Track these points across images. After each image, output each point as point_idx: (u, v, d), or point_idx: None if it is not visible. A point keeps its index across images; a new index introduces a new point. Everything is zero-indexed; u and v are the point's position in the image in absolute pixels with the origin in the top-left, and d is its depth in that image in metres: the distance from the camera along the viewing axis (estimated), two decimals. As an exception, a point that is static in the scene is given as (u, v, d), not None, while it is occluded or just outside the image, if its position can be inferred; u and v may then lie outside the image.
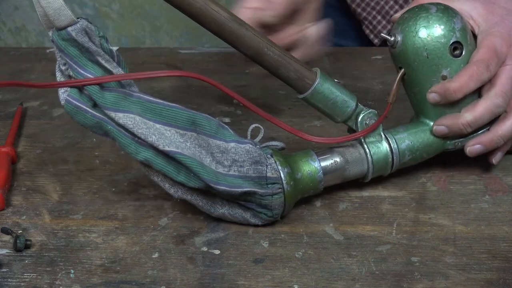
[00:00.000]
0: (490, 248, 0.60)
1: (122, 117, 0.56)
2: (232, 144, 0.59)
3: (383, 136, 0.65)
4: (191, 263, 0.59)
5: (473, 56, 0.65)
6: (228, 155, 0.59)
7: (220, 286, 0.56)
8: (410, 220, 0.64)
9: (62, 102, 0.58)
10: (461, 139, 0.67)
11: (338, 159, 0.64)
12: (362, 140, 0.65)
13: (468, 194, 0.67)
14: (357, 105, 0.65)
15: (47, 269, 0.59)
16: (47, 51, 0.97)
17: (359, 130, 0.65)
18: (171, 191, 0.60)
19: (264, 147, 0.62)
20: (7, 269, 0.59)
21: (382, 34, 0.66)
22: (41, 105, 0.84)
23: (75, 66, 0.57)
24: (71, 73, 0.57)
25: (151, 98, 0.58)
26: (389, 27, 1.02)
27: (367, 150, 0.65)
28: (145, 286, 0.57)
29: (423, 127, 0.67)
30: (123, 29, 1.94)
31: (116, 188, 0.69)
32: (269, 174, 0.59)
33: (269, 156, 0.60)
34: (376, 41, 1.03)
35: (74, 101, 0.57)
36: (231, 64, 0.93)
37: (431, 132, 0.66)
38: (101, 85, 0.57)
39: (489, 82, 0.65)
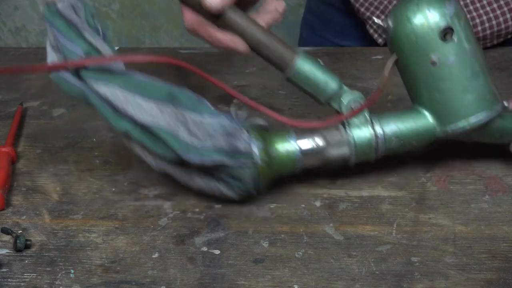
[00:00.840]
0: (490, 248, 0.60)
1: (103, 89, 0.58)
2: (208, 118, 0.60)
3: (368, 120, 0.65)
4: (191, 263, 0.59)
5: None
6: (203, 128, 0.60)
7: (220, 286, 0.56)
8: (410, 220, 0.64)
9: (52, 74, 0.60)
10: (451, 127, 0.65)
11: (318, 140, 0.64)
12: (346, 123, 0.65)
13: (468, 194, 0.67)
14: (340, 86, 0.65)
15: (47, 269, 0.59)
16: (47, 51, 0.97)
17: (344, 113, 0.65)
18: (152, 163, 0.61)
19: (245, 122, 0.62)
20: (7, 269, 0.59)
21: (374, 19, 0.66)
22: (41, 105, 0.84)
23: (62, 40, 0.59)
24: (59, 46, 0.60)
25: (133, 73, 0.60)
26: None
27: (350, 133, 0.64)
28: (145, 286, 0.57)
29: (414, 113, 0.66)
30: (123, 29, 1.94)
31: (116, 188, 0.69)
32: (241, 147, 0.60)
33: (243, 130, 0.61)
34: (380, 40, 1.03)
35: (60, 72, 0.59)
36: (231, 64, 0.93)
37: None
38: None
39: None
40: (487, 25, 0.94)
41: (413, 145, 0.66)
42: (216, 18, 0.65)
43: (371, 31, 1.04)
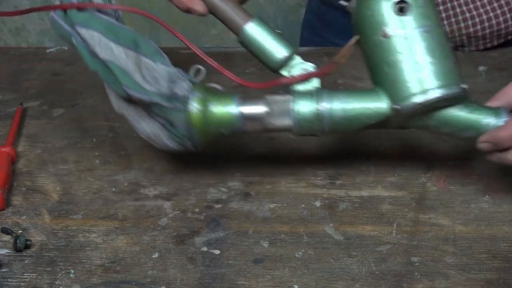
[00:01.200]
0: (490, 248, 0.60)
1: (84, 33, 0.64)
2: (159, 65, 0.64)
3: (317, 93, 0.64)
4: (191, 263, 0.59)
5: None
6: (152, 73, 0.64)
7: (220, 286, 0.56)
8: (410, 220, 0.64)
9: (50, 16, 0.67)
10: (401, 104, 0.62)
11: (261, 107, 0.64)
12: (292, 90, 0.65)
13: (468, 194, 0.67)
14: (292, 56, 0.67)
15: (47, 269, 0.59)
16: (47, 51, 0.97)
17: None
18: (114, 104, 0.66)
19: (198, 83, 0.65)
20: (7, 269, 0.59)
21: (341, 2, 0.66)
22: (41, 105, 0.84)
23: None
24: None
25: (115, 22, 0.66)
26: None
27: (294, 104, 0.64)
28: (145, 286, 0.57)
29: (368, 91, 0.64)
30: (123, 29, 1.94)
31: (116, 188, 0.69)
32: (178, 92, 0.63)
33: (187, 80, 0.64)
34: None
35: (55, 17, 0.67)
36: (231, 64, 0.93)
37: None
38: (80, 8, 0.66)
39: None
40: (486, 24, 0.94)
41: (363, 122, 0.64)
42: None
43: None
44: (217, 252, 0.60)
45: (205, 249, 0.61)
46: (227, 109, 0.64)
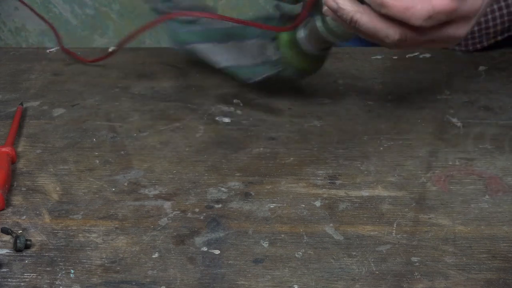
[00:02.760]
0: (490, 248, 0.60)
1: (200, 46, 0.79)
2: (252, 40, 0.77)
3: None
4: (191, 263, 0.59)
5: None
6: (253, 49, 0.77)
7: (220, 286, 0.56)
8: (410, 220, 0.64)
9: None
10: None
11: (301, 31, 0.75)
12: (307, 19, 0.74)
13: (468, 194, 0.67)
14: None
15: (47, 269, 0.59)
16: (47, 51, 0.97)
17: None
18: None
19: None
20: (7, 269, 0.59)
21: None
22: (41, 105, 0.84)
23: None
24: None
25: (219, 26, 0.79)
26: None
27: (314, 22, 0.73)
28: (145, 286, 0.57)
29: None
30: (123, 29, 1.94)
31: (116, 188, 0.69)
32: (270, 55, 0.76)
33: (272, 42, 0.76)
34: None
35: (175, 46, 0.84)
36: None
37: None
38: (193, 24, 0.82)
39: None
40: None
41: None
42: None
43: None
44: (217, 252, 0.60)
45: (205, 249, 0.61)
46: (292, 37, 0.76)
